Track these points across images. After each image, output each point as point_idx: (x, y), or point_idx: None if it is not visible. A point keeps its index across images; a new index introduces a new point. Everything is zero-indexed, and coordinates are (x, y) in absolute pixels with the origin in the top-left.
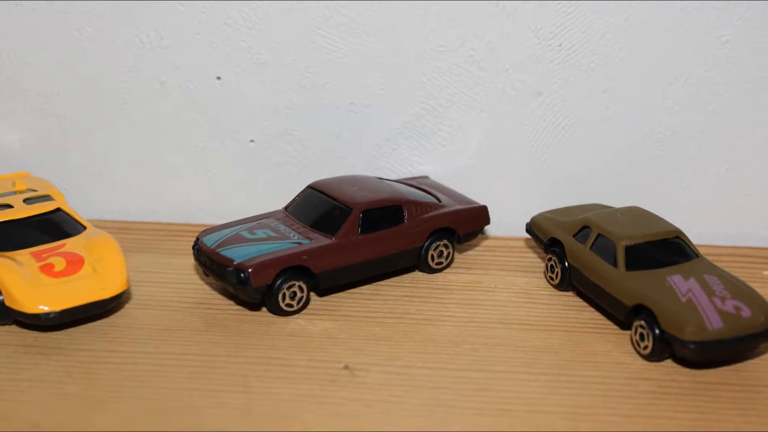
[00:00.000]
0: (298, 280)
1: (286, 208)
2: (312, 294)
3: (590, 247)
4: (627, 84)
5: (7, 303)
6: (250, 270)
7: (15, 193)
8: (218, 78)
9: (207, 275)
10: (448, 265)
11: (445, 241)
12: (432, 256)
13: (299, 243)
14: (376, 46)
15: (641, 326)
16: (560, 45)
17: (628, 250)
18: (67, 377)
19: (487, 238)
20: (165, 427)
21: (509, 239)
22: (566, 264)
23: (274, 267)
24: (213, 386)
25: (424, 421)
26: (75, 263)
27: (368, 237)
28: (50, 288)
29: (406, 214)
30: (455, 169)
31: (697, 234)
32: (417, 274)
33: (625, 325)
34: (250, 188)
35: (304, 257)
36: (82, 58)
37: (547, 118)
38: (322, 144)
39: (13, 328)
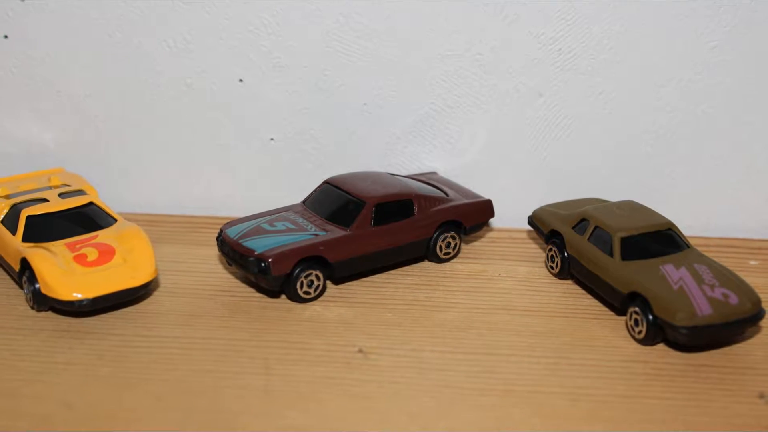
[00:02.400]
0: (315, 269)
1: (303, 201)
2: (328, 282)
3: (588, 239)
4: (622, 86)
5: (43, 291)
6: (270, 260)
7: (50, 187)
8: (240, 80)
9: (230, 265)
10: (455, 256)
11: (452, 233)
12: (440, 247)
13: (316, 234)
14: (388, 51)
15: (636, 312)
16: (560, 50)
17: (624, 241)
18: (99, 360)
19: (491, 230)
20: (191, 406)
21: (512, 231)
22: (566, 254)
23: (292, 257)
24: (236, 369)
25: (432, 401)
26: (106, 253)
27: (380, 229)
28: (83, 277)
29: (416, 207)
30: (462, 165)
31: (687, 226)
32: (426, 264)
33: (620, 311)
34: (270, 183)
35: (321, 248)
36: (113, 61)
37: (547, 117)
38: (337, 142)
39: (49, 314)
